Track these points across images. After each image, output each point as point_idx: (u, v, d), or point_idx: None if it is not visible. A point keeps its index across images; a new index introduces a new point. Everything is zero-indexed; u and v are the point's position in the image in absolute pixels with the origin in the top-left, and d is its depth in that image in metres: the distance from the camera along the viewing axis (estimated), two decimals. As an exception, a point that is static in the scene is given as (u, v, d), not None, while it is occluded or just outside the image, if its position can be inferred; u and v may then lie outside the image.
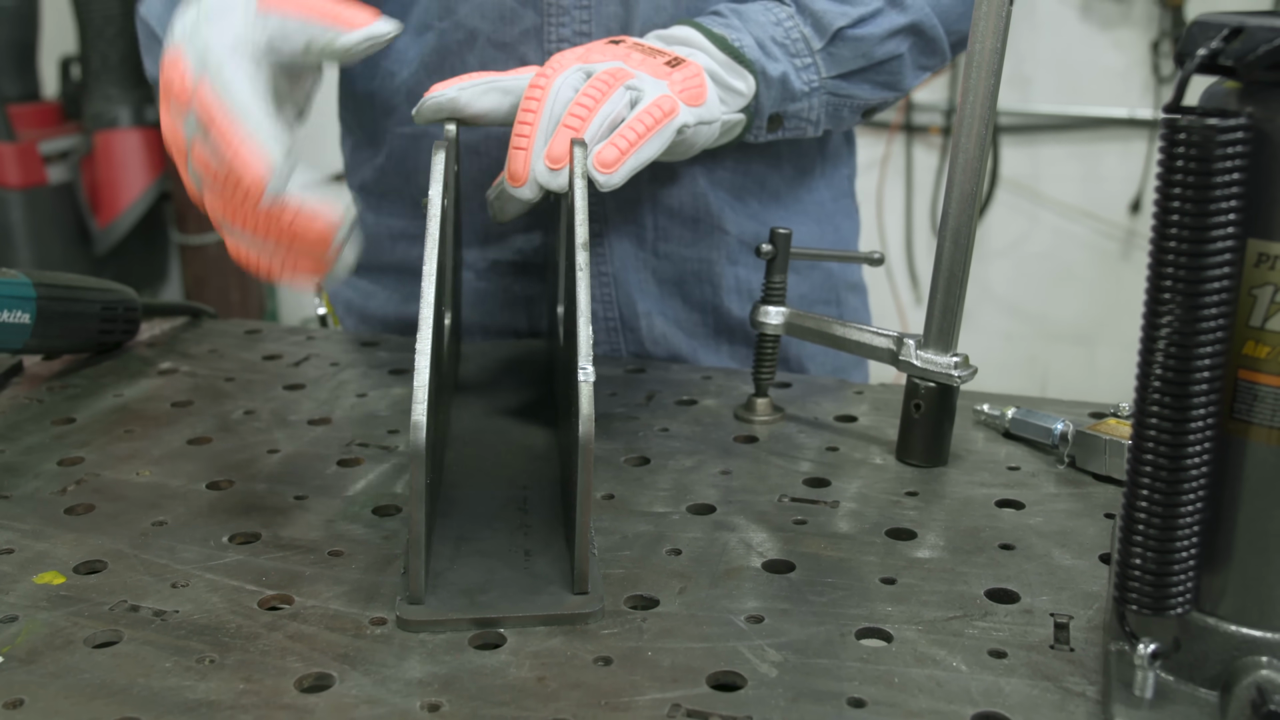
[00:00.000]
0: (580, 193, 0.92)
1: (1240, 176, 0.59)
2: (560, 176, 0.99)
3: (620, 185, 1.00)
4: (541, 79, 1.04)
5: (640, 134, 1.01)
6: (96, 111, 4.24)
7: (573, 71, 1.05)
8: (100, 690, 0.72)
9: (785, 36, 1.20)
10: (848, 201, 1.53)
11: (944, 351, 1.03)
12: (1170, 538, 0.64)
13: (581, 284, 0.85)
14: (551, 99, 1.03)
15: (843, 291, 1.50)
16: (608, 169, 0.98)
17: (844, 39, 1.22)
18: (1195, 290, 0.60)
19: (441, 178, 0.93)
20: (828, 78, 1.23)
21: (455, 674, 0.74)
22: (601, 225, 1.36)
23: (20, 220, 4.06)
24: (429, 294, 0.84)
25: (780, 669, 0.74)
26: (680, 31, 1.17)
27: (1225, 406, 0.65)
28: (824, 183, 1.46)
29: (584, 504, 0.80)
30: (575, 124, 1.00)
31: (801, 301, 1.43)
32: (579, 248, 0.87)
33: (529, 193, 1.01)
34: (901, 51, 1.26)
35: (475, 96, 1.06)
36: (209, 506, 0.97)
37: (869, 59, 1.25)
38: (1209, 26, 0.62)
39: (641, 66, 1.08)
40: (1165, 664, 0.69)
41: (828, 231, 1.46)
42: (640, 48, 1.11)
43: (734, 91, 1.15)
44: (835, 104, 1.26)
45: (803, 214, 1.43)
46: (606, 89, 1.03)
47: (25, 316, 1.17)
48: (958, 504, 0.98)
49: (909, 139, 4.30)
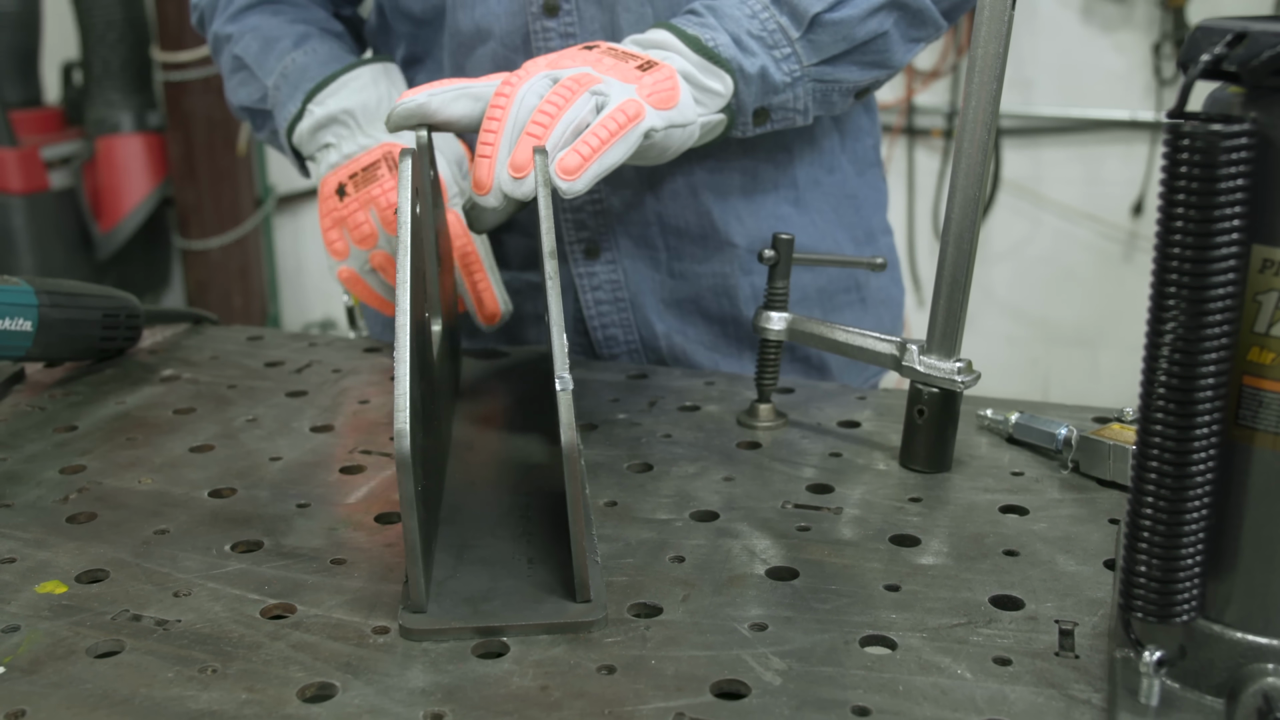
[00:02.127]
0: (544, 201, 0.91)
1: (1245, 182, 0.59)
2: (524, 185, 0.99)
3: (584, 191, 1.00)
4: (507, 86, 1.04)
5: (604, 139, 1.00)
6: (98, 117, 4.25)
7: (539, 78, 1.05)
8: (102, 700, 0.72)
9: (762, 29, 1.19)
10: (873, 172, 1.51)
11: (947, 357, 1.03)
12: (1175, 544, 0.64)
13: (552, 292, 0.84)
14: (516, 106, 1.02)
15: (862, 275, 1.48)
16: (570, 175, 0.98)
17: (822, 24, 1.20)
18: (1199, 296, 0.60)
19: (410, 185, 0.92)
20: (810, 65, 1.22)
21: (458, 683, 0.73)
22: (615, 253, 1.38)
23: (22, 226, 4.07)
24: (404, 302, 0.83)
25: (784, 677, 0.74)
26: (655, 35, 1.16)
27: (1230, 413, 0.64)
28: (846, 159, 1.45)
29: (575, 512, 0.80)
30: (538, 131, 1.00)
31: (822, 294, 1.43)
32: (546, 256, 0.87)
33: (494, 200, 1.01)
34: (885, 29, 1.24)
35: (445, 103, 1.05)
36: (211, 515, 0.97)
37: (851, 41, 1.22)
38: (1213, 32, 0.61)
39: (611, 71, 1.07)
40: (1171, 671, 0.68)
41: (847, 214, 1.45)
42: (613, 52, 1.11)
43: (711, 92, 1.15)
44: (823, 90, 1.25)
45: (821, 200, 1.42)
46: (570, 95, 1.02)
47: (27, 324, 1.17)
48: (961, 510, 0.98)
49: (910, 142, 4.30)
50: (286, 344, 1.44)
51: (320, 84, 1.35)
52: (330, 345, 1.44)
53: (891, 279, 1.54)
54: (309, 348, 1.42)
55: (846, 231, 1.45)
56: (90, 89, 4.25)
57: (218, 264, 4.48)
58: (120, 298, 1.33)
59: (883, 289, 1.51)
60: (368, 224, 1.28)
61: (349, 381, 1.30)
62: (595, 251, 1.38)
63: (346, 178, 1.29)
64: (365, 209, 1.28)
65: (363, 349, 1.42)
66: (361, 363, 1.36)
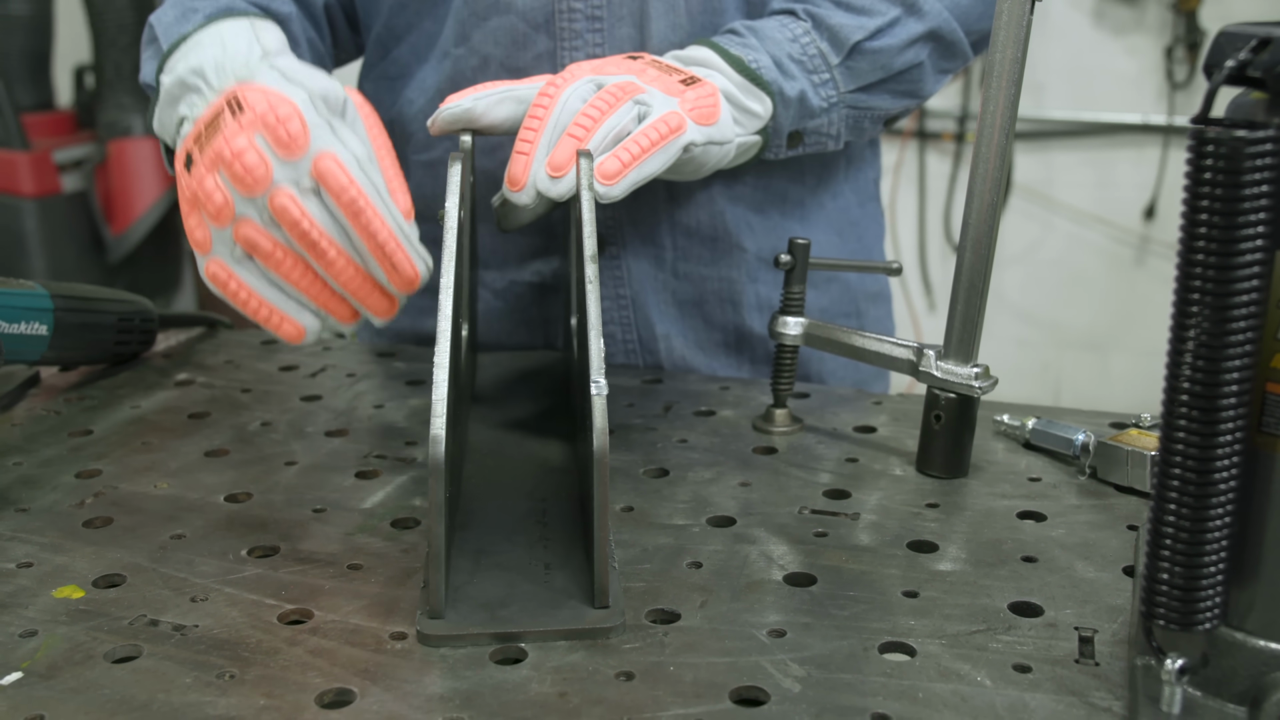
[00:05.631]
0: (587, 204, 0.91)
1: (1269, 188, 0.59)
2: (559, 185, 0.99)
3: (621, 198, 1.00)
4: (551, 88, 1.04)
5: (644, 148, 1.00)
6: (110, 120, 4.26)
7: (583, 82, 1.05)
8: (120, 706, 0.72)
9: (802, 53, 1.19)
10: (873, 205, 1.52)
11: (964, 362, 1.02)
12: (1198, 552, 0.63)
13: (591, 296, 0.85)
14: (559, 108, 1.02)
15: (863, 303, 1.48)
16: (609, 181, 0.98)
17: (862, 52, 1.21)
18: (1223, 303, 0.60)
19: (458, 189, 0.92)
20: (846, 92, 1.23)
21: (476, 689, 0.73)
22: (619, 248, 1.36)
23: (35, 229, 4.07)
24: (446, 307, 0.84)
25: (803, 684, 0.73)
26: (697, 53, 1.16)
27: (1254, 420, 0.64)
28: (849, 188, 1.45)
29: (601, 518, 0.80)
30: (579, 134, 1.00)
31: (822, 315, 1.43)
32: (587, 260, 0.87)
33: (526, 198, 1.01)
34: (921, 59, 1.25)
35: (490, 106, 1.06)
36: (227, 519, 0.97)
37: (888, 70, 1.24)
38: (1237, 38, 0.61)
39: (655, 83, 1.07)
40: (1193, 679, 0.68)
41: (850, 240, 1.46)
42: (657, 64, 1.11)
43: (750, 113, 1.15)
44: (855, 117, 1.26)
45: (825, 223, 1.42)
46: (614, 101, 1.02)
47: (43, 328, 1.17)
48: (979, 516, 0.97)
49: (922, 146, 4.29)
50: (300, 348, 1.44)
51: (169, 50, 1.11)
52: (343, 350, 1.44)
53: (885, 311, 1.54)
54: (323, 352, 1.42)
55: (849, 256, 1.45)
56: (102, 92, 4.26)
57: (229, 267, 4.48)
58: (135, 302, 1.33)
59: (880, 320, 1.52)
60: (218, 191, 0.95)
61: (363, 386, 1.30)
62: (600, 245, 1.35)
63: (193, 143, 1.00)
64: (213, 172, 0.96)
65: (376, 353, 1.42)
66: (375, 367, 1.36)
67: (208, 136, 0.98)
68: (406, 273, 0.97)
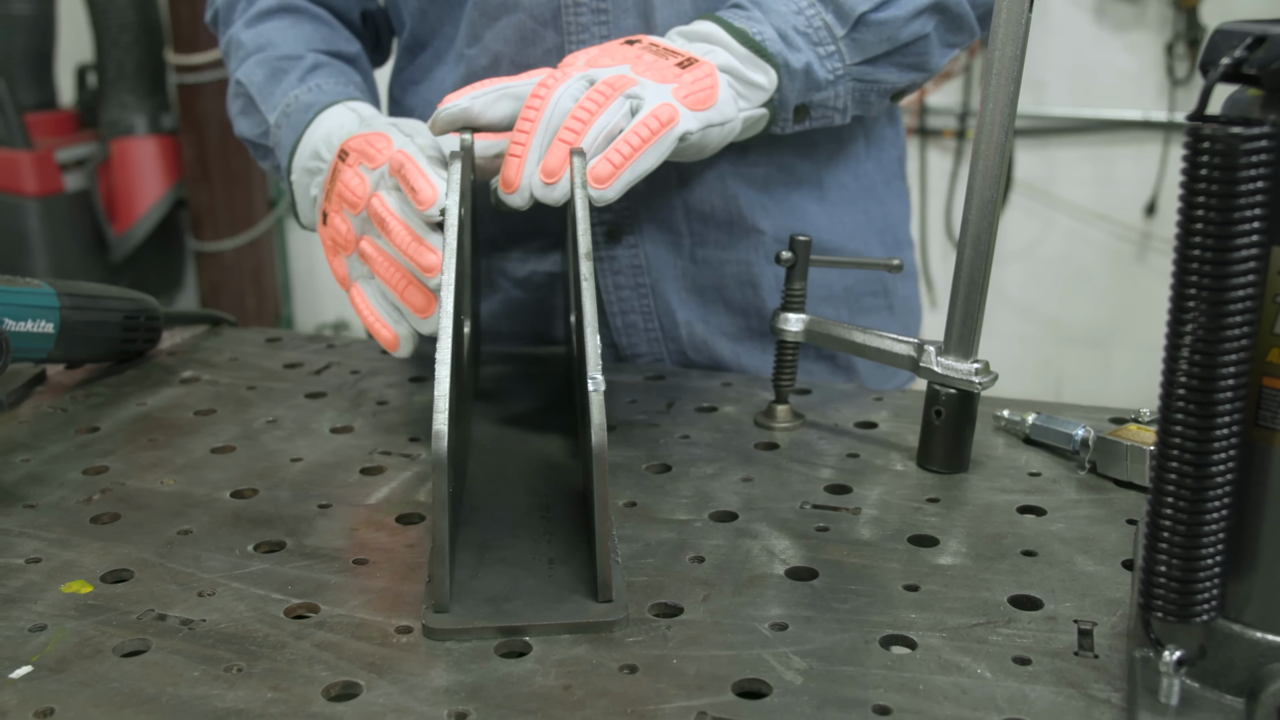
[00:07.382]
0: (581, 203, 0.92)
1: (1265, 184, 0.59)
2: (554, 191, 1.00)
3: (615, 199, 1.00)
4: (543, 88, 1.05)
5: (635, 147, 1.01)
6: (113, 119, 4.27)
7: (575, 80, 1.05)
8: (129, 699, 0.73)
9: (807, 25, 1.19)
10: (898, 184, 1.52)
11: (964, 358, 1.03)
12: (1195, 545, 0.64)
13: (587, 293, 0.86)
14: (550, 108, 1.03)
15: (889, 280, 1.48)
16: (601, 184, 0.99)
17: (867, 24, 1.21)
18: (1219, 298, 0.60)
19: (458, 188, 0.93)
20: (852, 64, 1.22)
21: (481, 682, 0.74)
22: (637, 236, 1.36)
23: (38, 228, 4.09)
24: (448, 303, 0.85)
25: (805, 676, 0.74)
26: (702, 27, 1.16)
27: (1250, 414, 0.65)
28: (873, 165, 1.45)
29: (602, 513, 0.81)
30: (571, 136, 1.01)
31: (848, 295, 1.43)
32: (582, 257, 0.88)
33: (519, 201, 1.02)
34: (928, 31, 1.24)
35: (487, 105, 1.06)
36: (233, 515, 0.98)
37: (894, 42, 1.23)
38: (1232, 35, 0.62)
39: (649, 70, 1.07)
40: (1191, 671, 0.69)
41: (876, 219, 1.45)
42: (654, 48, 1.11)
43: (754, 85, 1.15)
44: (862, 90, 1.25)
45: (848, 202, 1.42)
46: (604, 100, 1.03)
47: (49, 326, 1.18)
48: (979, 510, 0.98)
49: (923, 142, 4.30)
50: (304, 345, 1.44)
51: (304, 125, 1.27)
52: (348, 347, 1.45)
53: (913, 289, 1.54)
54: (327, 349, 1.43)
55: (876, 235, 1.45)
56: (104, 91, 4.27)
57: (231, 266, 4.50)
58: (140, 300, 1.34)
59: (908, 299, 1.52)
60: (344, 222, 1.14)
61: (368, 383, 1.30)
62: (617, 234, 1.36)
63: (324, 201, 1.18)
64: (339, 212, 1.14)
65: (380, 350, 1.42)
66: (380, 364, 1.37)
67: (330, 190, 1.16)
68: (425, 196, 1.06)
